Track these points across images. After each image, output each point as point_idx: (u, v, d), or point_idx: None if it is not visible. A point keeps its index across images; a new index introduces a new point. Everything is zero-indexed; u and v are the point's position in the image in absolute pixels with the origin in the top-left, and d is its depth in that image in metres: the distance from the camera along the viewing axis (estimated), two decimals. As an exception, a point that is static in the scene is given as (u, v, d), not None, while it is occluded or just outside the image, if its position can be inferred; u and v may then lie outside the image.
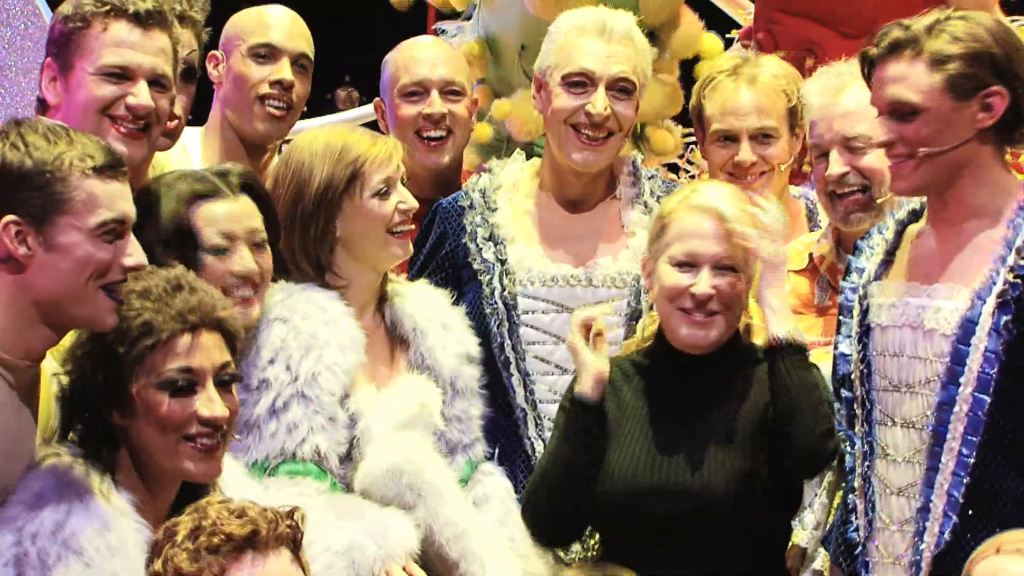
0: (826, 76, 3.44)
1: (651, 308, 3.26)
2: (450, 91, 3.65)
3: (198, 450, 2.50)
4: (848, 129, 3.32)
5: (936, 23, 2.89)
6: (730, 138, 3.61)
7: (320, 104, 5.71)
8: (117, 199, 2.48)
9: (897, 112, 2.85)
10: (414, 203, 3.08)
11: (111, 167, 2.47)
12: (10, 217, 2.42)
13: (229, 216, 2.93)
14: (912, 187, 2.92)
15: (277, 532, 2.38)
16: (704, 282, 2.94)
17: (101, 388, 2.54)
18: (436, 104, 3.61)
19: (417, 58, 3.67)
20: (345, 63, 4.11)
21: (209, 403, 2.54)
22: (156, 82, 2.94)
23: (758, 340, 3.12)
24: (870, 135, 3.24)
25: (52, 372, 2.66)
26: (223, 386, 2.58)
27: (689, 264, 2.95)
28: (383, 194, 3.05)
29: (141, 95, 2.90)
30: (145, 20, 2.91)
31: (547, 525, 3.10)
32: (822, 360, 3.12)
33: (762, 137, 3.59)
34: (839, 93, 3.36)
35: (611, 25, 3.35)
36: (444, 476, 2.97)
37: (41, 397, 2.64)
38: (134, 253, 2.49)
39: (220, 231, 2.90)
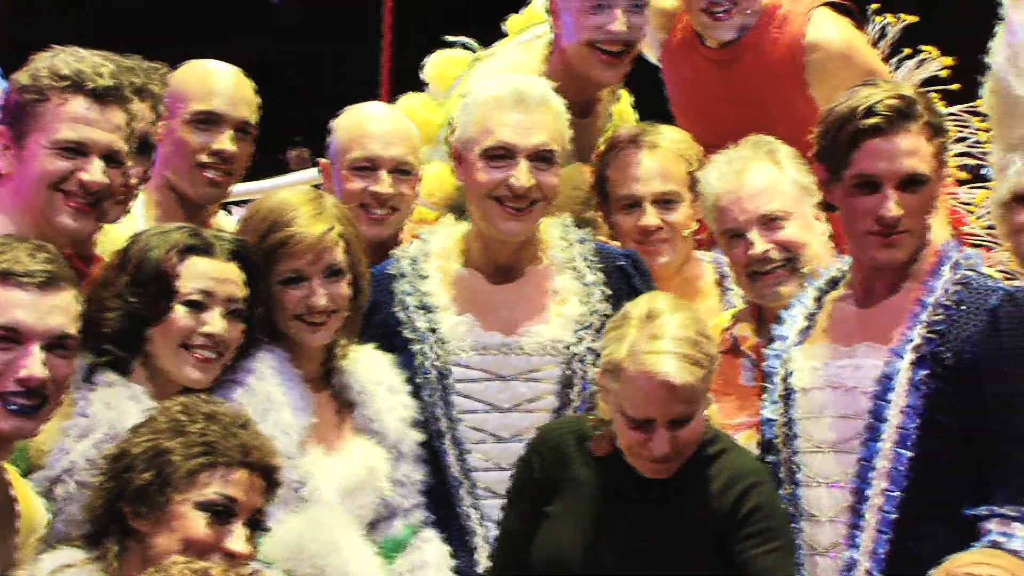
0: (722, 162, 3.42)
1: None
2: (401, 170, 3.59)
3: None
4: (763, 207, 3.31)
5: (917, 94, 2.96)
6: (634, 204, 3.62)
7: (272, 164, 5.68)
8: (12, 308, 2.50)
9: (911, 183, 2.86)
10: (324, 303, 3.03)
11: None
12: None
13: (213, 275, 2.91)
14: (906, 256, 2.92)
15: None
16: (661, 442, 2.82)
17: (140, 491, 2.53)
18: (386, 184, 3.55)
19: (371, 133, 3.60)
20: (298, 122, 4.07)
21: (238, 540, 2.54)
22: (110, 158, 2.89)
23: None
24: (784, 209, 3.31)
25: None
26: (251, 527, 2.59)
27: (646, 423, 2.83)
28: (292, 280, 3.05)
29: (95, 172, 2.86)
30: (103, 96, 2.88)
31: None
32: (751, 442, 3.14)
33: (665, 202, 3.60)
34: (743, 175, 3.35)
35: (527, 93, 3.32)
36: (354, 559, 2.91)
37: (25, 519, 2.63)
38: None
39: (200, 288, 2.89)
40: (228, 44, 3.88)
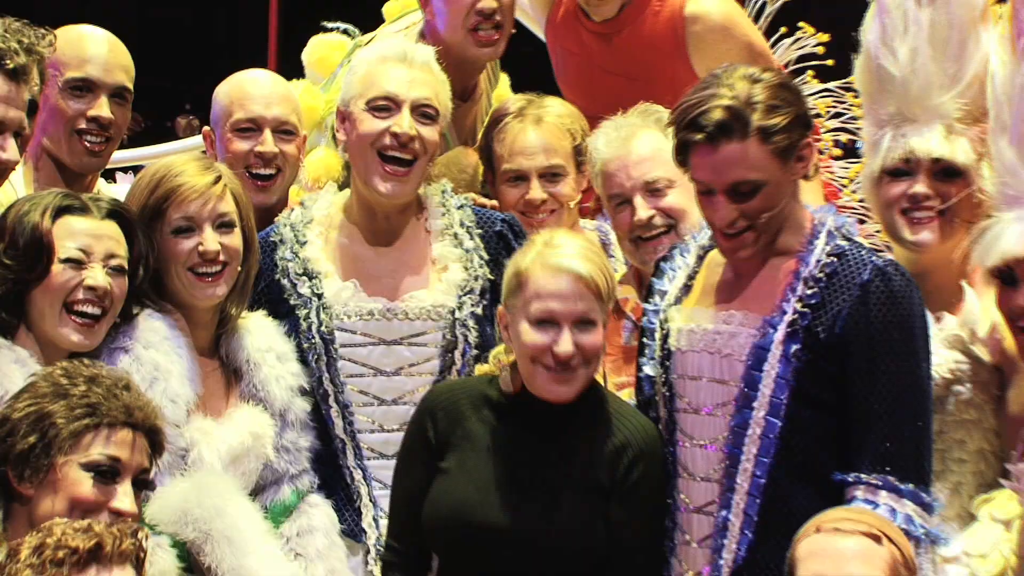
0: (610, 129, 3.48)
1: (482, 340, 3.32)
2: (283, 131, 3.60)
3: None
4: (647, 174, 3.36)
5: (763, 91, 2.91)
6: (520, 177, 3.64)
7: (161, 131, 5.62)
8: None
9: (739, 192, 2.88)
10: (213, 249, 3.04)
11: None
12: None
13: (90, 233, 2.91)
14: (753, 252, 2.95)
15: (121, 548, 2.34)
16: (566, 341, 2.88)
17: (27, 449, 2.54)
18: (269, 143, 3.56)
19: (252, 95, 3.61)
20: (185, 91, 4.04)
21: (124, 498, 2.57)
22: (17, 134, 2.92)
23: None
24: (668, 177, 3.35)
25: None
26: (136, 487, 2.61)
27: (549, 322, 2.90)
28: (182, 231, 3.07)
29: (11, 151, 2.88)
30: (17, 75, 2.89)
31: None
32: (632, 400, 3.17)
33: (550, 175, 3.62)
34: (629, 142, 3.41)
35: (411, 54, 3.37)
36: (239, 522, 2.91)
37: None
38: None
39: (79, 245, 2.88)
40: (116, 9, 3.81)
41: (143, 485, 2.65)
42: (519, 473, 2.96)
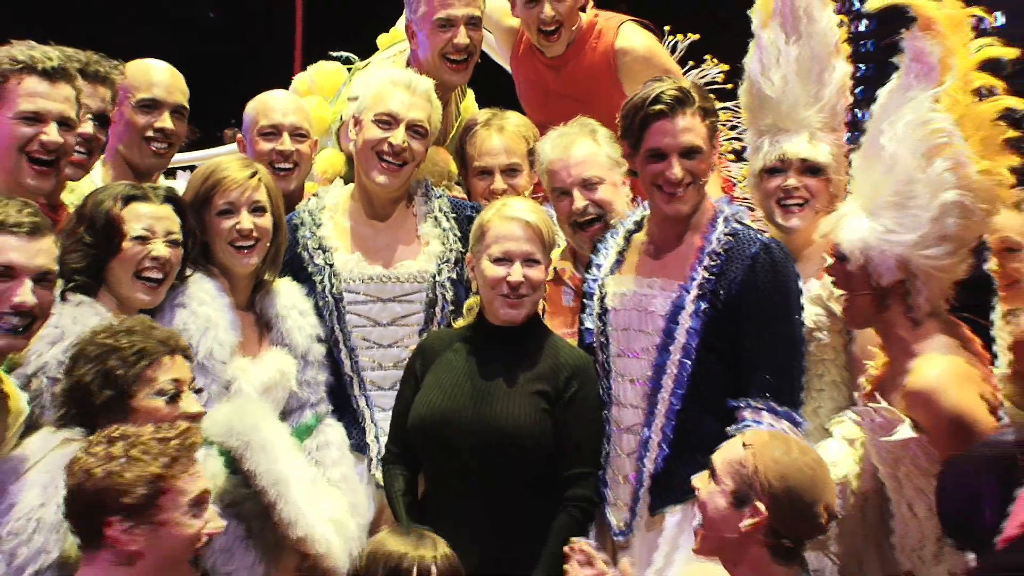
0: (555, 136, 3.41)
1: (456, 298, 3.31)
2: (298, 134, 3.57)
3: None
4: (583, 172, 3.31)
5: (692, 86, 2.99)
6: (486, 172, 3.63)
7: (211, 139, 5.61)
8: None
9: (689, 153, 2.91)
10: (248, 226, 3.04)
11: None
12: None
13: (152, 215, 2.89)
14: (691, 208, 2.96)
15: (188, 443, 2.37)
16: (517, 273, 2.93)
17: (107, 399, 2.54)
18: (287, 143, 3.54)
19: (273, 107, 3.58)
20: (231, 110, 4.06)
21: (191, 405, 2.62)
22: (64, 123, 2.85)
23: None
24: (600, 176, 3.32)
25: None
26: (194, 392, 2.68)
27: (504, 259, 2.94)
28: (225, 212, 3.05)
29: (53, 134, 2.83)
30: (54, 74, 2.84)
31: None
32: (571, 341, 3.16)
33: (510, 171, 3.62)
34: (570, 148, 3.35)
35: (415, 84, 3.35)
36: (271, 436, 2.89)
37: (11, 409, 2.60)
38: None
39: (144, 225, 2.87)
40: (176, 46, 3.84)
41: (197, 391, 2.69)
42: (477, 382, 2.98)
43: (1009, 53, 2.78)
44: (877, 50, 3.06)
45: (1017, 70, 2.85)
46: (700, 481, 2.53)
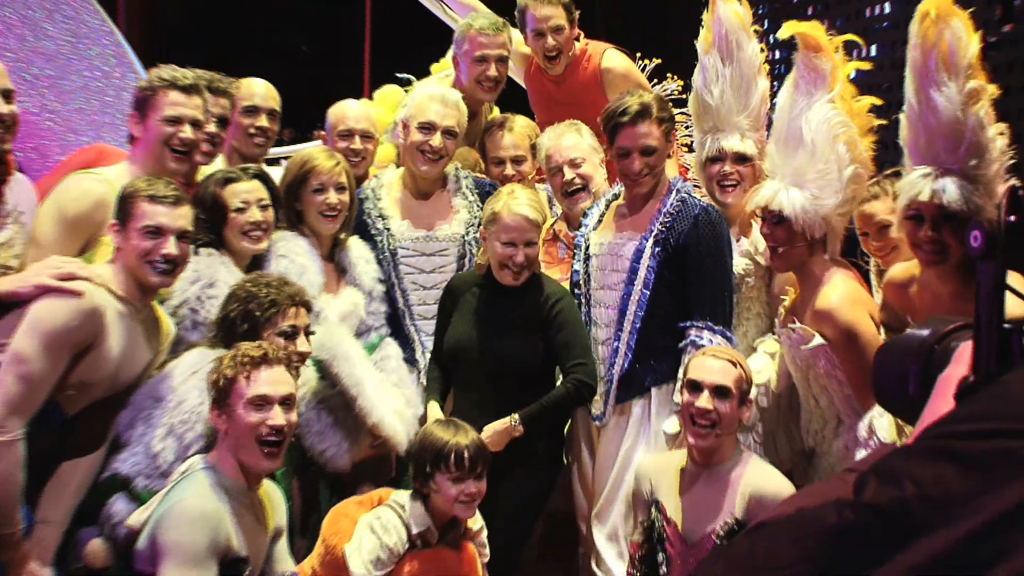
0: (550, 131, 3.44)
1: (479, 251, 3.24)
2: (365, 135, 3.54)
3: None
4: (570, 154, 3.35)
5: (653, 100, 3.00)
6: (500, 161, 3.60)
7: (303, 138, 5.66)
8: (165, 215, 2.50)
9: (646, 152, 2.96)
10: (335, 201, 3.04)
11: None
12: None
13: (246, 191, 2.89)
14: (649, 188, 3.01)
15: (278, 355, 2.39)
16: (520, 254, 2.94)
17: (245, 331, 2.57)
18: (357, 143, 3.53)
19: (348, 115, 3.55)
20: (318, 116, 4.11)
21: (303, 344, 2.63)
22: (196, 124, 2.88)
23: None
24: (583, 156, 3.35)
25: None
26: (305, 335, 2.66)
27: (511, 244, 2.94)
28: (318, 190, 3.04)
29: (188, 132, 2.86)
30: (188, 89, 2.87)
31: None
32: (564, 283, 3.19)
33: (516, 160, 3.59)
34: (561, 137, 3.38)
35: (448, 96, 3.34)
36: (351, 348, 2.90)
37: (162, 329, 2.66)
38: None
39: (241, 200, 2.87)
40: (279, 72, 3.92)
41: (309, 334, 2.68)
42: (486, 321, 3.01)
43: (877, 101, 2.86)
44: (786, 71, 2.97)
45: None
46: None
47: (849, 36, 2.88)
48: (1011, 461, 0.72)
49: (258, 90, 3.45)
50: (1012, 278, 0.93)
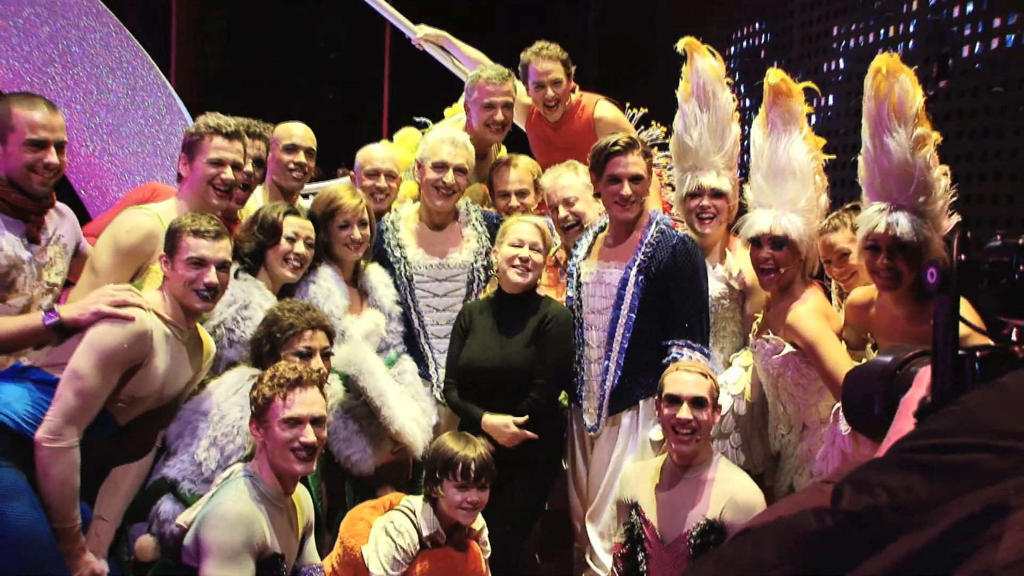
0: (550, 171, 3.42)
1: (487, 279, 3.24)
2: (389, 174, 3.44)
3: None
4: (565, 194, 3.32)
5: (638, 138, 3.01)
6: (505, 194, 3.52)
7: (331, 175, 5.65)
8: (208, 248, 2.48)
9: (635, 179, 2.93)
10: (358, 236, 3.03)
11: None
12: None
13: (299, 225, 2.91)
14: (635, 215, 2.97)
15: (312, 378, 2.37)
16: (526, 252, 2.94)
17: (267, 350, 2.60)
18: (382, 182, 3.41)
19: (374, 156, 3.45)
20: (344, 155, 4.08)
21: (315, 363, 2.60)
22: (236, 166, 2.87)
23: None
24: (576, 196, 3.31)
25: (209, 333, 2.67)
26: (323, 357, 2.65)
27: (518, 244, 2.94)
28: (343, 226, 3.03)
29: (229, 174, 2.84)
30: (230, 136, 2.85)
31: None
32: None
33: (520, 194, 3.54)
34: (559, 178, 3.36)
35: (458, 138, 3.32)
36: (375, 364, 2.89)
37: (204, 348, 2.62)
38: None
39: (293, 230, 2.89)
40: (310, 116, 3.90)
41: (326, 355, 2.67)
42: (496, 338, 2.98)
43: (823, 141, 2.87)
44: (755, 116, 2.97)
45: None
46: None
47: (808, 83, 2.90)
48: (973, 472, 0.72)
49: (297, 131, 3.44)
50: (963, 307, 0.93)
